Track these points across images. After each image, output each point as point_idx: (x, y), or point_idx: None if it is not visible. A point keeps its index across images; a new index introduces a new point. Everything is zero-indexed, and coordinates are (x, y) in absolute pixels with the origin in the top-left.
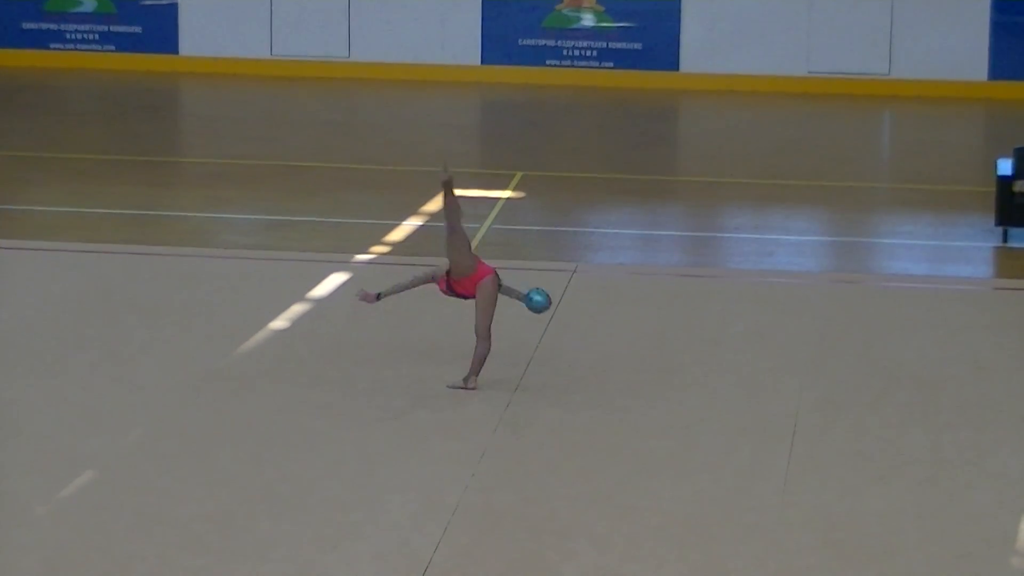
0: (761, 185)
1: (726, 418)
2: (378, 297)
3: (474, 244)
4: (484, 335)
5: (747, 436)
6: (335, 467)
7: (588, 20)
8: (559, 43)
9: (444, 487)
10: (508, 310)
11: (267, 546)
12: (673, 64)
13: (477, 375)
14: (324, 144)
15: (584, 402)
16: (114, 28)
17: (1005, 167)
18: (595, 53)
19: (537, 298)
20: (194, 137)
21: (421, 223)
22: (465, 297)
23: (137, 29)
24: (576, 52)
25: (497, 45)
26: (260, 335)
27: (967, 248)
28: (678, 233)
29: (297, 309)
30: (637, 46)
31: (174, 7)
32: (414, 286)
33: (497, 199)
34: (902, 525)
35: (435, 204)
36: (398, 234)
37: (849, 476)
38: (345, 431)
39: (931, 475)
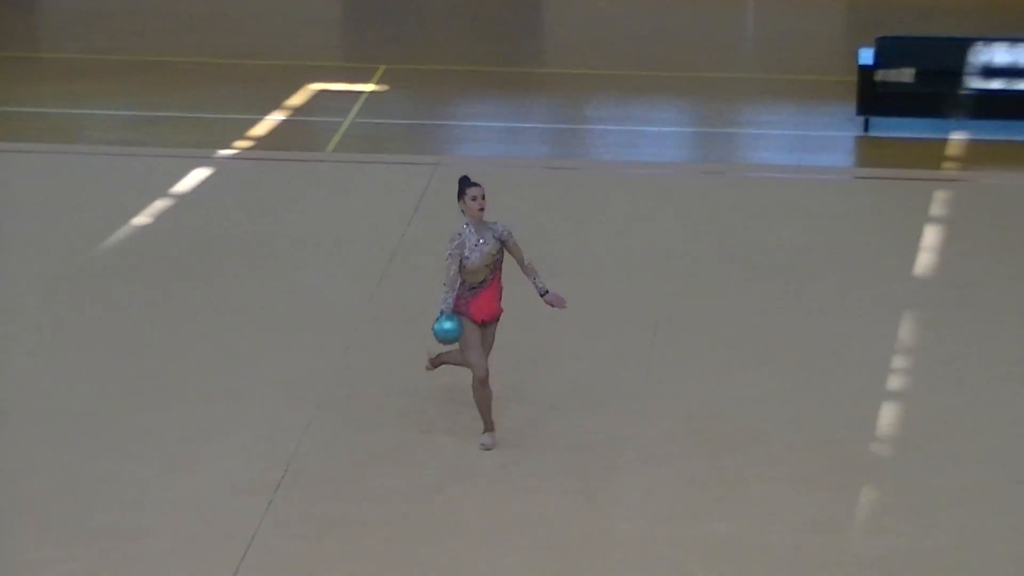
0: (625, 76)
1: (592, 307)
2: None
3: (337, 139)
4: (471, 365)
5: (613, 325)
6: (200, 362)
7: None
8: None
9: (308, 381)
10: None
11: (132, 441)
12: None
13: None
14: (187, 38)
15: None
16: None
17: (867, 57)
18: None
19: (448, 325)
20: (56, 32)
21: (284, 117)
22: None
23: None
24: None
25: None
26: (124, 231)
27: (829, 138)
28: (543, 125)
29: (160, 205)
30: None
31: None
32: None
33: (360, 93)
34: (766, 412)
35: (298, 98)
36: (261, 128)
37: (713, 364)
38: (209, 326)
39: (794, 363)
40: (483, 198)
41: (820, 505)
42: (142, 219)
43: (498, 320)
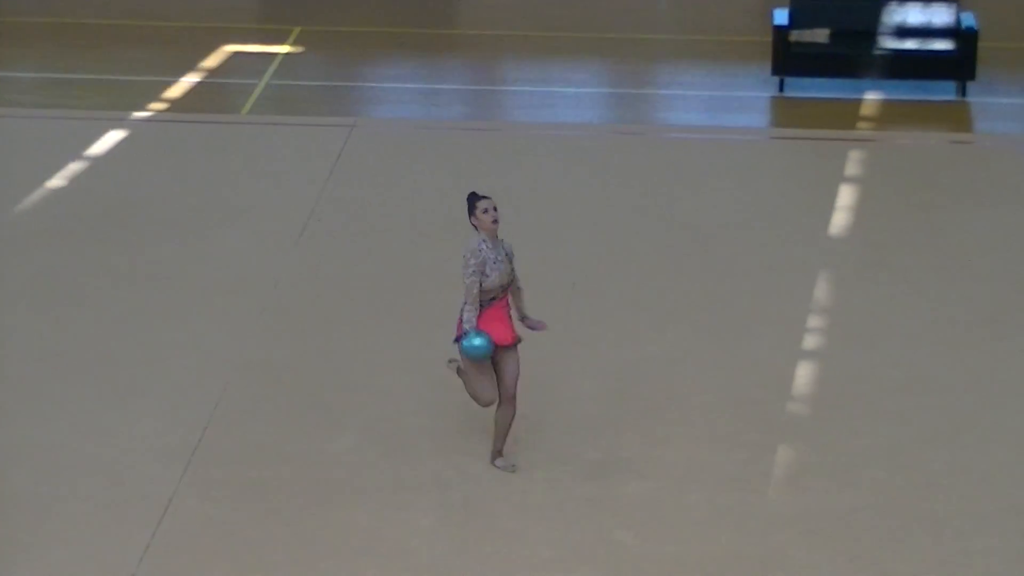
0: (542, 37)
1: None
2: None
3: (252, 101)
4: (474, 398)
5: (530, 286)
6: (115, 326)
7: None
8: None
9: (225, 344)
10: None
11: (47, 405)
12: None
13: (503, 442)
14: (100, 0)
15: (366, 253)
16: None
17: (781, 17)
18: None
19: (477, 341)
20: None
21: (199, 79)
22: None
23: None
24: None
25: None
26: (38, 194)
27: (744, 98)
28: (460, 87)
29: (75, 168)
30: None
31: None
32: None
33: (275, 54)
34: (681, 372)
35: (213, 60)
36: (176, 91)
37: (629, 325)
38: (124, 290)
39: (709, 322)
40: (495, 210)
41: (738, 464)
42: (56, 182)
43: (517, 345)
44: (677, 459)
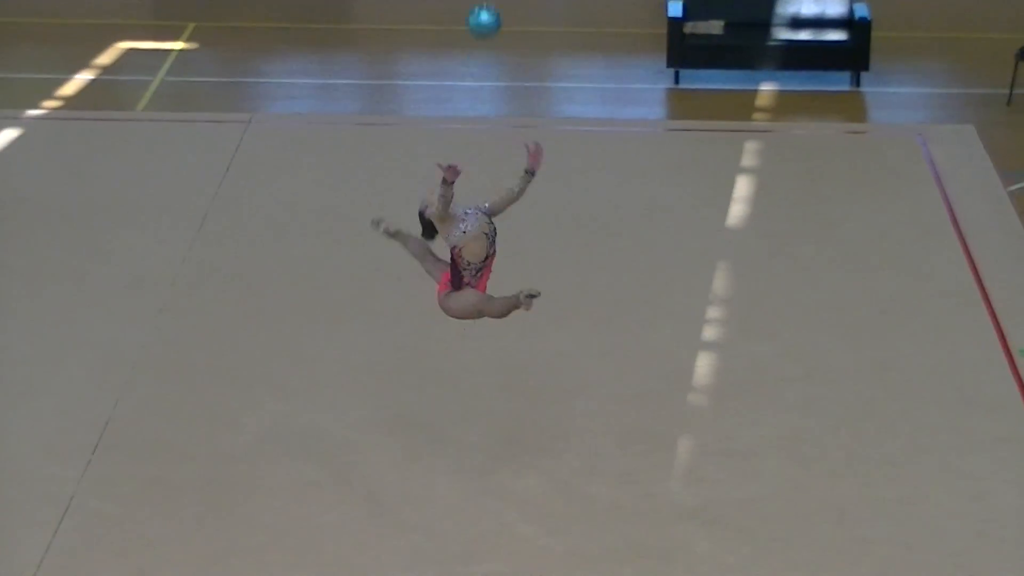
0: (436, 31)
1: (409, 265)
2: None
3: (147, 97)
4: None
5: (424, 281)
6: (11, 325)
7: None
8: None
9: (123, 343)
10: None
11: None
12: None
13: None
14: None
15: (264, 249)
16: None
17: (676, 8)
18: None
19: (484, 17)
20: None
21: (93, 77)
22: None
23: None
24: None
25: None
26: None
27: (640, 90)
28: (355, 81)
29: None
30: None
31: None
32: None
33: (169, 51)
34: (583, 364)
35: (107, 57)
36: (69, 88)
37: (528, 319)
38: (20, 289)
39: (609, 316)
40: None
41: (639, 456)
42: None
43: None
44: (579, 451)
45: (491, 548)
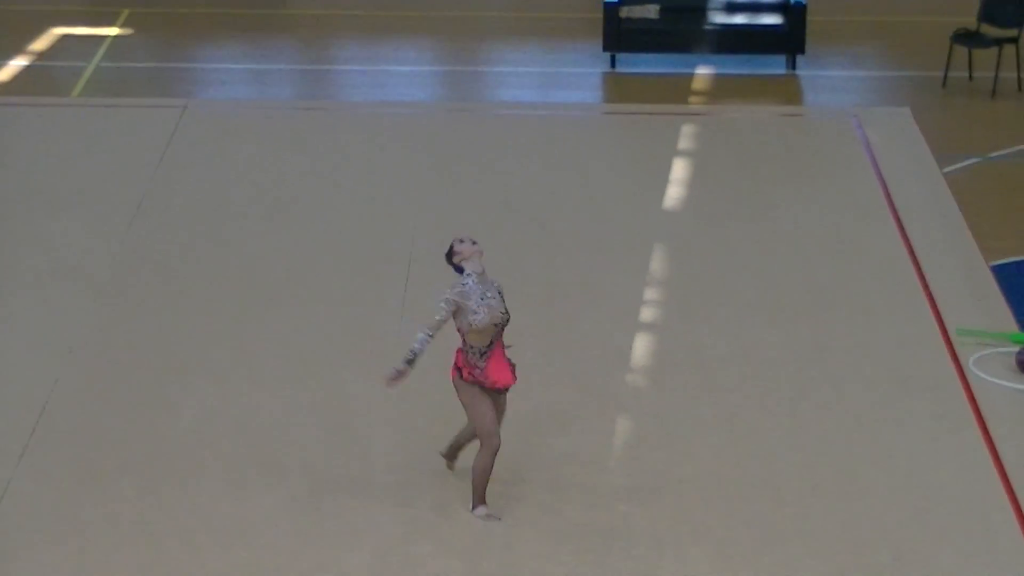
0: (371, 16)
1: (345, 249)
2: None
3: (82, 83)
4: (487, 435)
5: (367, 265)
6: None
7: None
8: None
9: (59, 330)
10: None
11: None
12: None
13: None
14: None
15: (199, 235)
16: None
17: None
18: None
19: None
20: None
21: (27, 63)
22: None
23: None
24: None
25: None
26: None
27: (576, 74)
28: (291, 67)
29: None
30: None
31: None
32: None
33: (104, 37)
34: (519, 348)
35: (41, 43)
36: (3, 74)
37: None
38: None
39: (545, 298)
40: (473, 241)
41: (578, 437)
42: None
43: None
44: (517, 434)
45: (429, 529)
